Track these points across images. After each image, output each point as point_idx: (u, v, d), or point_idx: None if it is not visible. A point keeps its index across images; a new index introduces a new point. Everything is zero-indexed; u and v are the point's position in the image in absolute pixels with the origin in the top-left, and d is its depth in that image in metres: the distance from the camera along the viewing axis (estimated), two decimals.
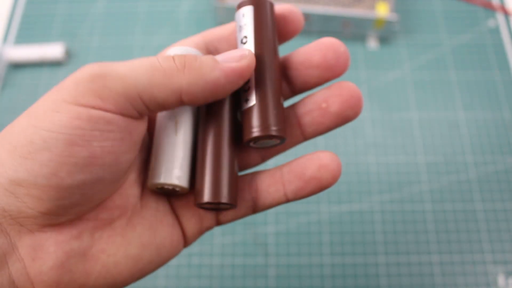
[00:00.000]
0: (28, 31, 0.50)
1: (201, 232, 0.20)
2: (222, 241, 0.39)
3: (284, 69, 0.20)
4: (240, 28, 0.19)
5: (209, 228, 0.20)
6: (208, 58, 0.17)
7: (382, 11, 0.45)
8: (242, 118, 0.19)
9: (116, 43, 0.49)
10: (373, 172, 0.41)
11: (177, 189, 0.19)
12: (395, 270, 0.37)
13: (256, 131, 0.18)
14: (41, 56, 0.46)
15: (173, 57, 0.16)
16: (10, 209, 0.14)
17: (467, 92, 0.45)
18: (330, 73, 0.19)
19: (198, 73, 0.16)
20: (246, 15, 0.19)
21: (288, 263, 0.38)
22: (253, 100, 0.18)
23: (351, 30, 0.47)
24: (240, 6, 0.20)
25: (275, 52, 0.19)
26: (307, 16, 0.46)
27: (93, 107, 0.15)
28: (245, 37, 0.19)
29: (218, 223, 0.20)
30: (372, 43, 0.48)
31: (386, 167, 0.42)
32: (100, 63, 0.16)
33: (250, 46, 0.19)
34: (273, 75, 0.19)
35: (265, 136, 0.18)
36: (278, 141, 0.19)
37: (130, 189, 0.18)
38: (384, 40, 0.48)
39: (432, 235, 0.39)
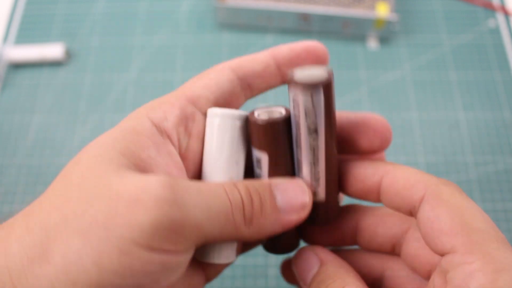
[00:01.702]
0: (28, 31, 0.50)
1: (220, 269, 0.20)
2: None
3: None
4: (305, 112, 0.16)
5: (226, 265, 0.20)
6: (272, 211, 0.16)
7: (382, 11, 0.45)
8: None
9: (116, 43, 0.49)
10: None
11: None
12: None
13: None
14: (41, 56, 0.46)
15: (243, 206, 0.16)
16: None
17: (467, 92, 0.45)
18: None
19: (260, 229, 0.16)
20: (318, 101, 0.16)
21: None
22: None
23: (351, 30, 0.47)
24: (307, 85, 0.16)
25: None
26: (307, 16, 0.46)
27: (166, 253, 0.14)
28: (315, 131, 0.17)
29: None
30: (372, 43, 0.48)
31: None
32: (175, 193, 0.14)
33: (321, 141, 0.17)
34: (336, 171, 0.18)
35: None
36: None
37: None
38: (384, 40, 0.48)
39: None
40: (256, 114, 0.18)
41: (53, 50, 0.46)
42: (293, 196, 0.17)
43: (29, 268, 0.13)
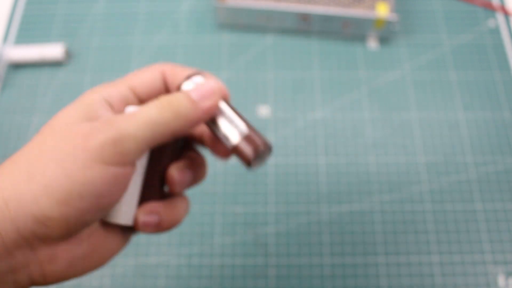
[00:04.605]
0: (28, 31, 0.50)
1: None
2: (222, 241, 0.39)
3: None
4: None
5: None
6: (190, 103, 0.21)
7: (382, 11, 0.45)
8: (239, 148, 0.22)
9: (116, 43, 0.49)
10: (373, 172, 0.41)
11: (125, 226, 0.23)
12: (395, 271, 0.37)
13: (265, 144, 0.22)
14: (41, 56, 0.46)
15: (163, 108, 0.21)
16: (39, 232, 0.19)
17: (467, 92, 0.45)
18: None
19: (186, 117, 0.21)
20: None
21: (288, 264, 0.38)
22: (245, 130, 0.22)
23: (351, 30, 0.47)
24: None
25: None
26: (307, 16, 0.46)
27: (117, 165, 0.20)
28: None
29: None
30: (372, 43, 0.48)
31: (386, 167, 0.42)
32: (112, 124, 0.20)
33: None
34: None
35: (263, 149, 0.22)
36: (268, 150, 0.22)
37: None
38: (384, 40, 0.48)
39: (432, 235, 0.39)
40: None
41: (53, 50, 0.46)
42: (204, 89, 0.22)
43: (17, 187, 0.19)
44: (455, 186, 0.41)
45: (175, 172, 0.23)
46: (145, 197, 0.23)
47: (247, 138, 0.22)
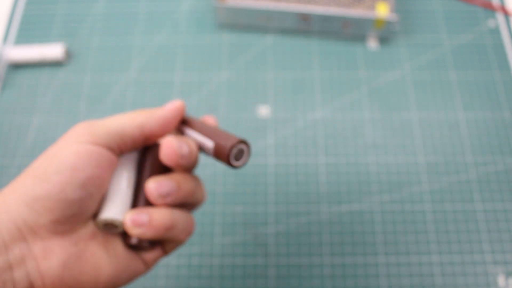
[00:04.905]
0: (28, 31, 0.50)
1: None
2: (222, 241, 0.39)
3: None
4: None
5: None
6: (153, 108, 0.25)
7: (382, 11, 0.45)
8: (216, 148, 0.24)
9: (116, 43, 0.49)
10: (373, 172, 0.41)
11: (116, 223, 0.23)
12: (395, 271, 0.37)
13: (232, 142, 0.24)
14: (41, 56, 0.46)
15: (134, 111, 0.25)
16: (29, 220, 0.21)
17: (467, 92, 0.45)
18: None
19: (146, 113, 0.25)
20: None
21: (288, 264, 0.38)
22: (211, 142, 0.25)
23: (351, 30, 0.47)
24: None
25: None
26: (307, 16, 0.46)
27: (89, 143, 0.22)
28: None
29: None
30: (372, 43, 0.48)
31: (386, 167, 0.42)
32: (90, 120, 0.24)
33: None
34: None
35: (239, 141, 0.24)
36: (246, 146, 0.24)
37: None
38: (384, 40, 0.48)
39: (432, 235, 0.39)
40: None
41: (53, 50, 0.46)
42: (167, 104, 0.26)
43: (14, 183, 0.22)
44: (455, 186, 0.41)
45: (151, 182, 0.24)
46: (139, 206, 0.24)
47: (220, 139, 0.24)
